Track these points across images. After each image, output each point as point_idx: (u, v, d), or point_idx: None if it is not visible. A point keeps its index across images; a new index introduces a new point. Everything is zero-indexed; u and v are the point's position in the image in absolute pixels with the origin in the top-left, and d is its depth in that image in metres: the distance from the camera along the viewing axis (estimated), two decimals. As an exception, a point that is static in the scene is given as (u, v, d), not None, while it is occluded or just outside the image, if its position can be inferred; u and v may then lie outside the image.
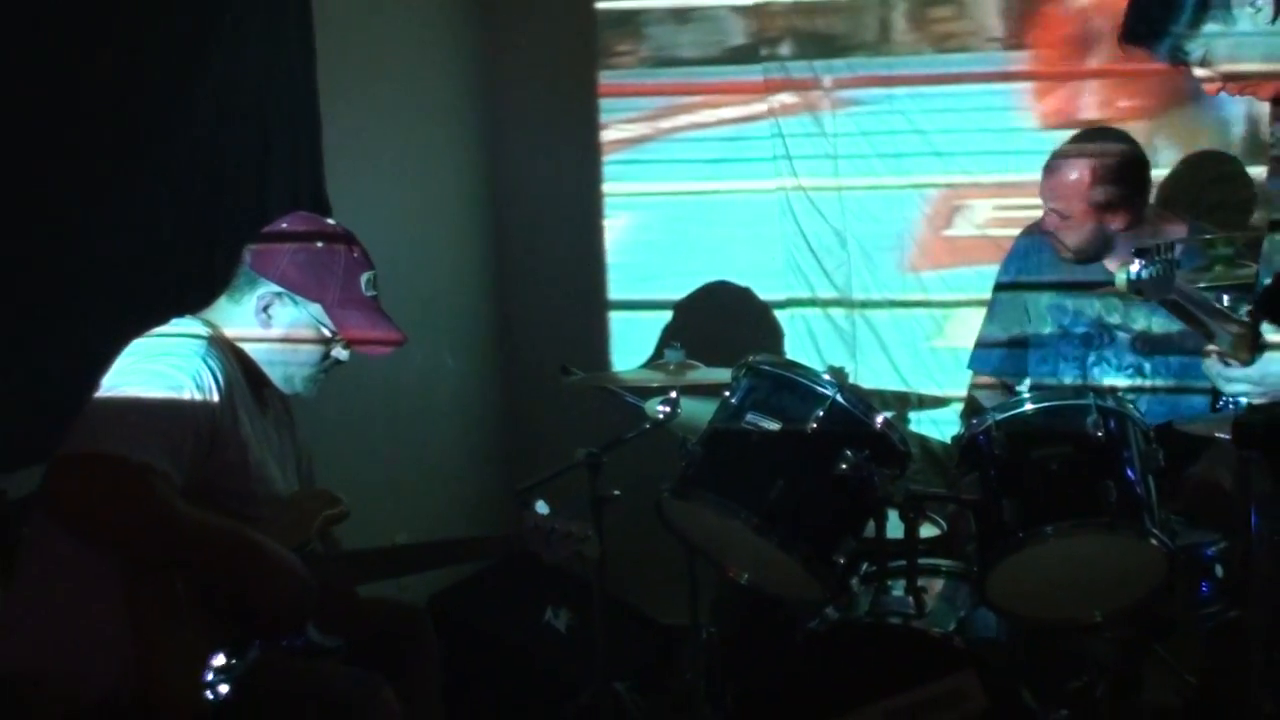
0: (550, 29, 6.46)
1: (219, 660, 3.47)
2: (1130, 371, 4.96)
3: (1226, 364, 3.37)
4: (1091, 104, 5.82)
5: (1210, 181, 5.50)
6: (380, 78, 5.71)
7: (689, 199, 6.42)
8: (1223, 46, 3.29)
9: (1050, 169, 5.03)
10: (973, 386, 5.28)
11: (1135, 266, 3.42)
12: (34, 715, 3.22)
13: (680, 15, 6.42)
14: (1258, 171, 5.43)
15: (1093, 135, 5.10)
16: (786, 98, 6.19)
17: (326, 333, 3.83)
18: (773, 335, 6.30)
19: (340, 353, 3.88)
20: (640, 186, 6.49)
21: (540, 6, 6.48)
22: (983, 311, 5.45)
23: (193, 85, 4.65)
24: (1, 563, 3.73)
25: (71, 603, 3.49)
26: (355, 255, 3.91)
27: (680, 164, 6.42)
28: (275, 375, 3.85)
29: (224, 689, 3.45)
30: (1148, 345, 4.93)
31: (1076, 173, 4.93)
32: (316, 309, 3.81)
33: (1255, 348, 3.22)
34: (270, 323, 3.79)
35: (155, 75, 4.51)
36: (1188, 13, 3.27)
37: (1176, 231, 4.94)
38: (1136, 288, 3.45)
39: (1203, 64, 3.33)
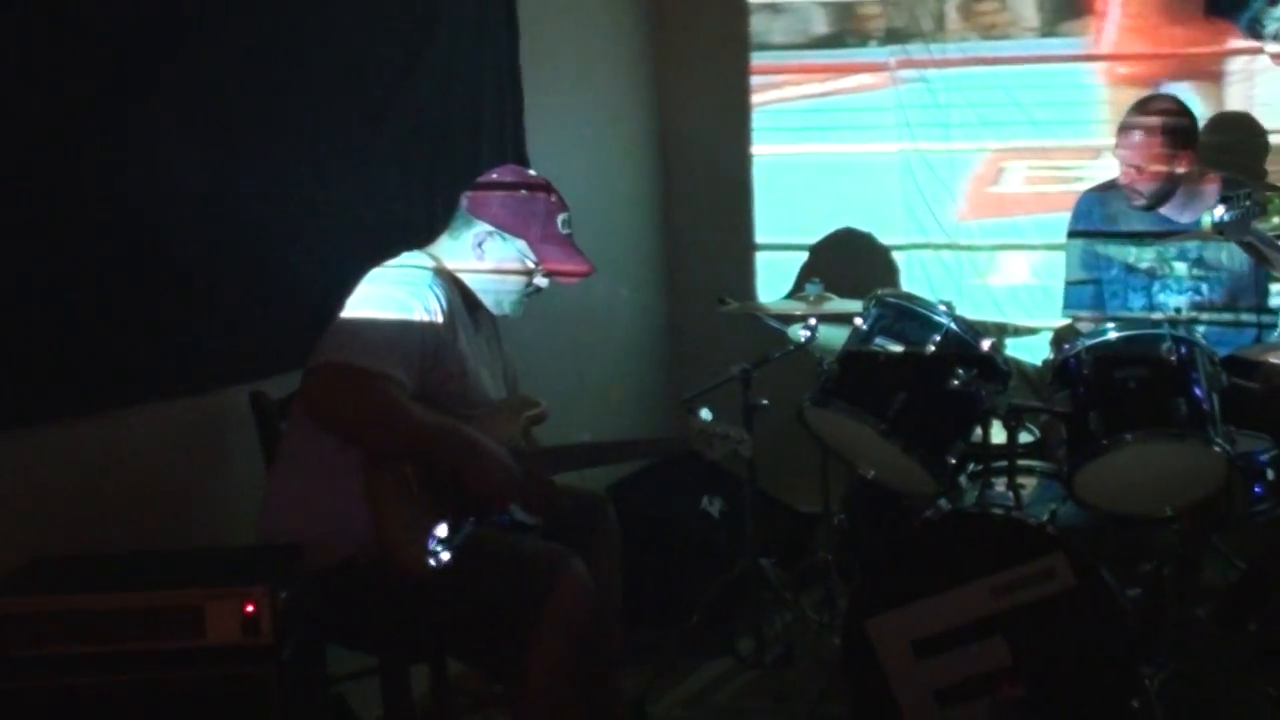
0: (709, 13, 6.43)
1: (441, 532, 3.52)
2: (1190, 293, 4.89)
3: None
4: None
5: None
6: (570, 56, 5.73)
7: (825, 158, 6.36)
8: None
9: (1125, 130, 4.97)
10: (1076, 322, 5.21)
11: (1220, 211, 3.41)
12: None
13: (774, 7, 6.40)
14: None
15: (1152, 100, 5.02)
16: (907, 74, 6.12)
17: (530, 264, 3.84)
18: (890, 272, 6.26)
19: (541, 281, 3.89)
20: (783, 148, 6.44)
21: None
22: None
23: (421, 62, 4.71)
24: (265, 451, 3.80)
25: (321, 484, 3.55)
26: (553, 199, 3.92)
27: (816, 129, 6.38)
28: (487, 300, 3.87)
29: (445, 555, 3.50)
30: (1201, 267, 4.86)
31: (1147, 131, 4.87)
32: (522, 244, 3.82)
33: None
34: (484, 256, 3.81)
35: (392, 54, 4.58)
36: None
37: (1213, 183, 4.91)
38: (1220, 229, 3.44)
39: (1276, 39, 3.25)
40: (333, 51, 4.32)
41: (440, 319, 3.62)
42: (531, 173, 4.06)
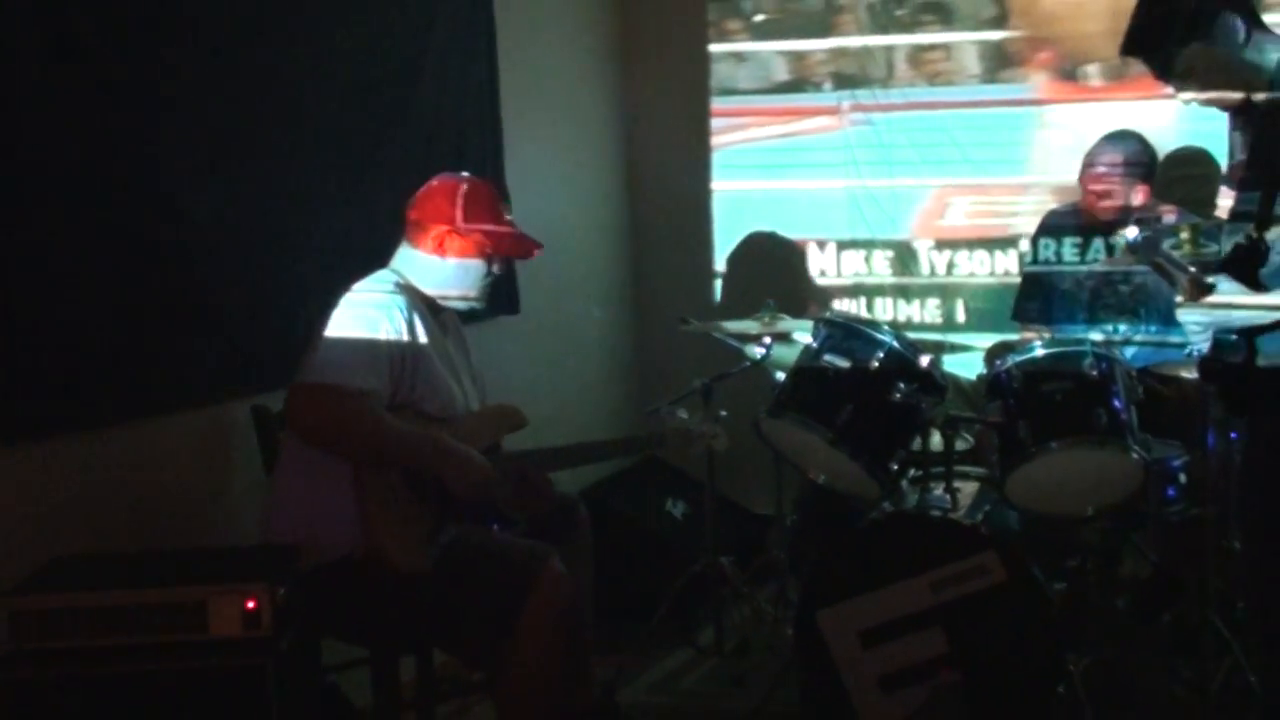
0: (674, 60, 6.42)
1: (428, 531, 3.52)
2: (1128, 316, 4.87)
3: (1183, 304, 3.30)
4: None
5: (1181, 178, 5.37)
6: (545, 95, 5.71)
7: (780, 193, 6.36)
8: (1202, 62, 3.20)
9: (1090, 162, 4.94)
10: (1023, 329, 5.19)
11: (1133, 233, 3.43)
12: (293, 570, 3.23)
13: (738, 55, 6.42)
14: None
15: (1118, 135, 4.99)
16: (858, 117, 6.12)
17: (488, 251, 3.81)
18: (799, 260, 6.30)
19: (496, 268, 3.86)
20: (742, 184, 6.43)
21: (666, 45, 6.43)
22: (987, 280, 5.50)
23: (410, 104, 4.73)
24: (266, 459, 3.78)
25: (316, 489, 3.53)
26: (493, 191, 3.91)
27: (774, 167, 6.37)
28: (453, 295, 3.82)
29: (432, 554, 3.49)
30: (1141, 294, 4.85)
31: (1109, 164, 4.85)
32: (478, 235, 3.78)
33: (1202, 293, 3.18)
34: (446, 253, 3.77)
35: (383, 97, 4.61)
36: (1177, 33, 3.18)
37: (1169, 214, 4.87)
38: (1133, 248, 3.46)
39: (1184, 75, 3.24)
40: (330, 95, 4.33)
41: (405, 329, 3.60)
42: (464, 174, 4.00)
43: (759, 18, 6.35)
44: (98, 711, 2.90)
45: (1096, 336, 4.56)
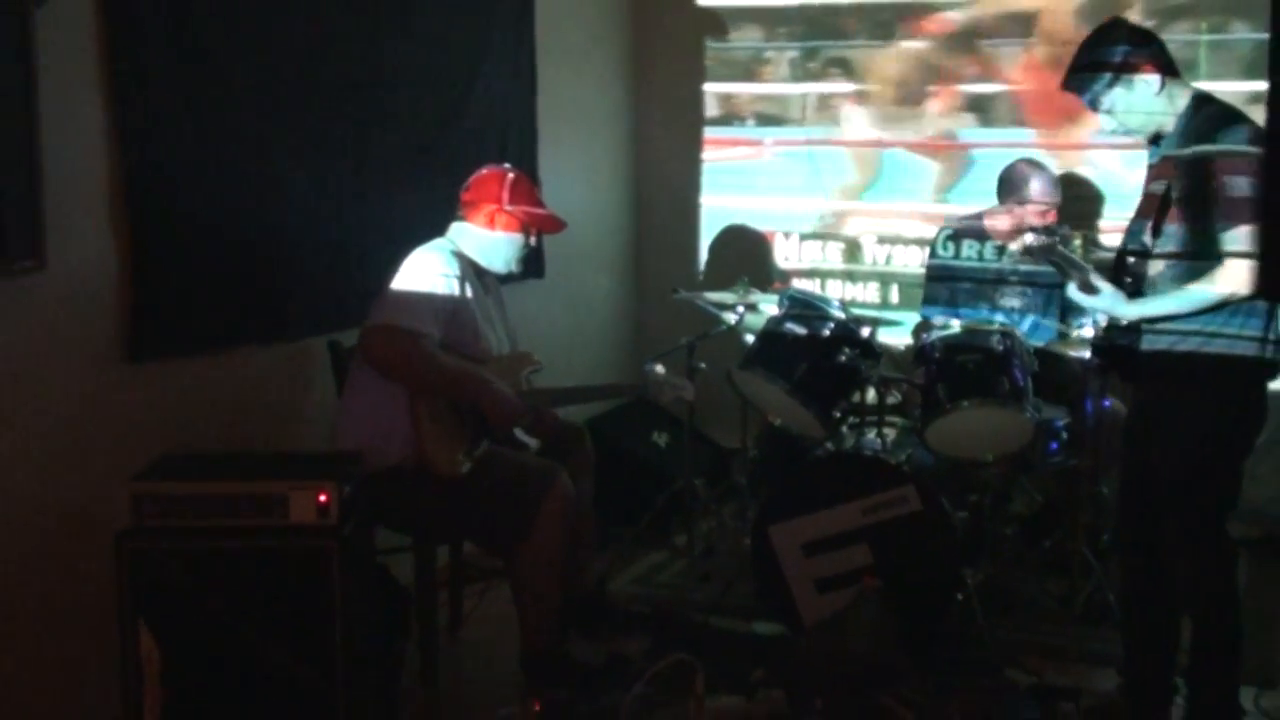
0: (674, 86, 6.35)
1: (465, 446, 3.52)
2: (1019, 302, 4.79)
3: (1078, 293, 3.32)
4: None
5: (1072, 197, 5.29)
6: (572, 107, 5.66)
7: (750, 208, 6.32)
8: (1123, 102, 3.19)
9: (1002, 183, 4.81)
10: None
11: (1029, 239, 3.45)
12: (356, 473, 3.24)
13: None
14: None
15: (1026, 162, 4.85)
16: (776, 149, 6.11)
17: (529, 229, 3.82)
18: (764, 249, 6.19)
19: (532, 241, 3.87)
20: (722, 199, 6.37)
21: (667, 72, 6.37)
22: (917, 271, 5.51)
23: (464, 110, 4.70)
24: (338, 383, 3.79)
25: (376, 409, 3.54)
26: (529, 180, 3.92)
27: (743, 184, 6.31)
28: (497, 263, 3.82)
29: (467, 465, 3.49)
30: (1028, 289, 4.80)
31: (1028, 184, 4.72)
32: (520, 211, 3.78)
33: (1089, 288, 3.21)
34: (496, 227, 3.77)
35: (442, 104, 4.58)
36: (1107, 77, 3.19)
37: (1063, 229, 4.78)
38: (1027, 250, 3.50)
39: (1109, 112, 3.23)
40: (401, 97, 4.32)
41: (457, 285, 3.60)
42: (506, 164, 3.98)
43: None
44: (198, 577, 2.92)
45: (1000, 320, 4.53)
